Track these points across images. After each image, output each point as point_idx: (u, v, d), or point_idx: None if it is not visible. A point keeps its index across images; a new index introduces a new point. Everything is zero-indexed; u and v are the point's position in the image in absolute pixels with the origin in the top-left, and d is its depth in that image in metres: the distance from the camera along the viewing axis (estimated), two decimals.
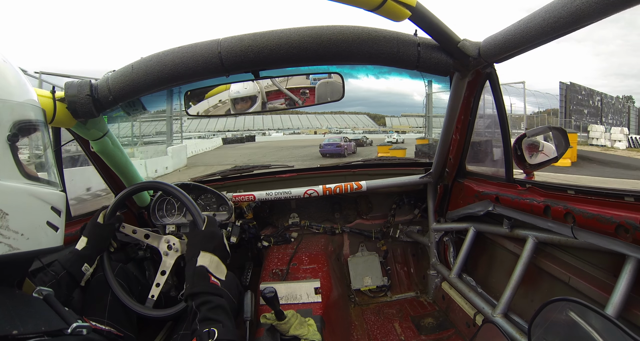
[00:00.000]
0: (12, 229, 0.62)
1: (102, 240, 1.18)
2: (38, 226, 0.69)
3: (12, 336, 0.57)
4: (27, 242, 0.65)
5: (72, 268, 1.08)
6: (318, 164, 2.61)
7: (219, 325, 0.85)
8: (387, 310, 2.02)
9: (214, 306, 0.90)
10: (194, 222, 1.15)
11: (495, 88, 1.36)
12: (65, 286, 1.05)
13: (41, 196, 0.70)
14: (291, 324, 1.26)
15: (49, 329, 0.64)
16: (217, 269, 1.01)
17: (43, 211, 0.71)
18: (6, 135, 0.65)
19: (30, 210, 0.67)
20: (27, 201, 0.67)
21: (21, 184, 0.66)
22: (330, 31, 1.15)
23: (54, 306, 0.72)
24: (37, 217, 0.69)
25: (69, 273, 1.06)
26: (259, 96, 1.45)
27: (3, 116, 0.65)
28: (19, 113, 0.69)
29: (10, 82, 0.69)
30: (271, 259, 1.95)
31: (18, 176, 0.66)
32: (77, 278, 1.09)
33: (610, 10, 0.75)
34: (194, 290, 0.93)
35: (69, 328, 0.67)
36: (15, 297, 0.66)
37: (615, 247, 0.91)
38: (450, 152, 1.74)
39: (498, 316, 1.28)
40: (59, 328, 0.66)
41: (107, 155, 1.53)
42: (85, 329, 0.69)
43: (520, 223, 1.33)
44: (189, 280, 0.97)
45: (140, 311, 1.16)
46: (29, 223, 0.67)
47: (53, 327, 0.65)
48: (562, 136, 1.37)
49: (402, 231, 2.32)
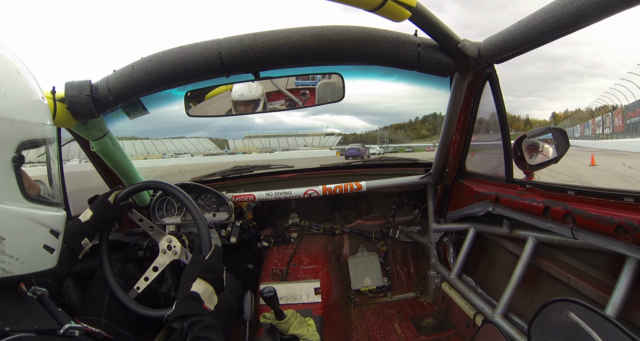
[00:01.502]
0: (7, 253, 0.61)
1: (107, 219, 1.19)
2: (35, 250, 0.67)
3: (5, 333, 0.57)
4: (21, 266, 0.63)
5: (73, 241, 1.08)
6: (318, 165, 2.61)
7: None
8: (387, 310, 2.02)
9: (206, 326, 0.88)
10: (199, 239, 1.13)
11: (495, 89, 1.36)
12: (66, 259, 1.05)
13: (41, 220, 0.68)
14: (291, 323, 1.26)
15: (41, 328, 0.64)
16: (209, 299, 0.99)
17: (41, 235, 0.69)
18: (11, 157, 0.61)
19: (28, 235, 0.66)
20: (26, 226, 0.65)
21: (22, 208, 0.64)
22: (331, 31, 1.15)
23: (47, 306, 0.71)
24: (34, 241, 0.67)
25: (68, 246, 1.06)
26: (262, 99, 1.45)
27: (10, 136, 0.61)
28: (27, 133, 0.65)
29: (22, 98, 0.65)
30: (271, 259, 1.95)
31: (20, 199, 0.64)
32: (76, 252, 1.09)
33: (610, 11, 0.75)
34: (188, 312, 0.91)
35: (61, 329, 0.67)
36: (9, 295, 0.66)
37: (615, 248, 0.91)
38: (450, 153, 1.74)
39: (498, 316, 1.28)
40: (51, 328, 0.66)
41: (107, 155, 1.54)
42: (78, 331, 0.69)
43: (520, 224, 1.33)
44: (181, 302, 0.94)
45: (140, 311, 1.16)
46: (26, 247, 0.65)
47: (45, 326, 0.65)
48: (562, 136, 1.37)
49: (402, 232, 2.32)
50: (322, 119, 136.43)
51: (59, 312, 0.72)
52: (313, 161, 4.89)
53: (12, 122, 0.61)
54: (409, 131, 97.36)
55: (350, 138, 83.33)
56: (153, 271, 1.24)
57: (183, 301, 0.94)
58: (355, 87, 1.54)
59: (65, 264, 1.05)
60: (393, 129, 78.03)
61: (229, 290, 1.32)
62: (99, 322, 1.09)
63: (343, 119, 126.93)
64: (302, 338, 1.26)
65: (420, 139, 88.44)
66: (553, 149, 1.38)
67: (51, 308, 0.71)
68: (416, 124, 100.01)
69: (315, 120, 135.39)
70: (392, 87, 2.26)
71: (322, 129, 77.24)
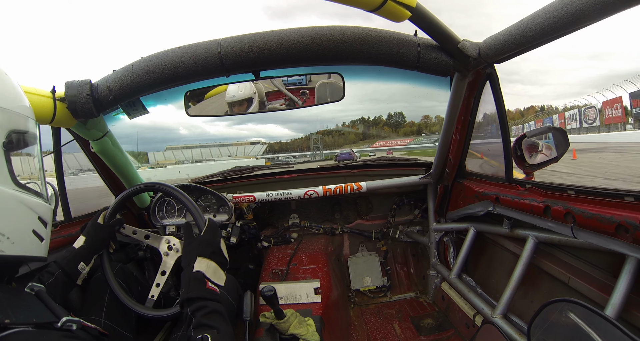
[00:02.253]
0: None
1: (99, 240, 1.17)
2: (24, 233, 0.70)
3: (4, 325, 0.58)
4: (12, 246, 0.66)
5: (68, 266, 1.07)
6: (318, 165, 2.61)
7: (213, 331, 0.83)
8: (387, 310, 2.02)
9: (209, 312, 0.87)
10: (195, 223, 1.14)
11: (496, 89, 1.36)
12: (62, 285, 1.04)
13: (30, 205, 0.71)
14: (290, 323, 1.26)
15: (39, 321, 0.65)
16: (214, 274, 0.98)
17: (30, 219, 0.72)
18: (2, 142, 0.66)
19: (18, 216, 0.68)
20: (16, 207, 0.68)
21: (11, 189, 0.68)
22: (331, 32, 1.15)
23: (45, 301, 0.73)
24: (24, 223, 0.70)
25: (64, 272, 1.05)
26: (254, 97, 1.46)
27: (1, 123, 0.67)
28: (15, 122, 0.71)
29: (10, 92, 0.71)
30: (271, 259, 1.95)
31: (9, 182, 0.68)
32: (73, 277, 1.08)
33: (610, 11, 0.75)
34: (190, 295, 0.90)
35: (58, 322, 0.68)
36: (7, 290, 0.67)
37: (615, 247, 0.91)
38: (450, 153, 1.74)
39: (497, 317, 1.28)
40: (49, 321, 0.67)
41: (107, 155, 1.53)
42: (75, 324, 0.70)
43: (520, 223, 1.33)
44: (185, 285, 0.94)
45: (140, 311, 1.16)
46: (16, 227, 0.68)
47: (44, 319, 0.66)
48: (562, 136, 1.37)
49: (402, 232, 2.32)
50: (246, 129, 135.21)
51: (56, 306, 0.72)
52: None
53: (3, 111, 0.68)
54: (336, 137, 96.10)
55: (276, 147, 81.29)
56: (162, 276, 1.22)
57: (186, 284, 0.94)
58: None
59: (61, 289, 1.04)
60: (320, 135, 78.68)
61: (229, 290, 1.32)
62: (99, 322, 1.10)
63: (267, 128, 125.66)
64: (302, 337, 1.26)
65: (349, 145, 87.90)
66: (553, 149, 1.38)
67: (49, 302, 0.73)
68: (343, 130, 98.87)
69: (240, 130, 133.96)
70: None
71: (248, 139, 75.13)
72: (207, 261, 0.98)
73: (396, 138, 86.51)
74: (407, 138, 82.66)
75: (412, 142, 75.15)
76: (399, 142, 78.70)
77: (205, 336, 0.81)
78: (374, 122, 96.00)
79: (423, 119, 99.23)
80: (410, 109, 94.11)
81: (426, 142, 70.26)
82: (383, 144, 78.67)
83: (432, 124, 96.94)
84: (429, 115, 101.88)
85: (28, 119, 0.76)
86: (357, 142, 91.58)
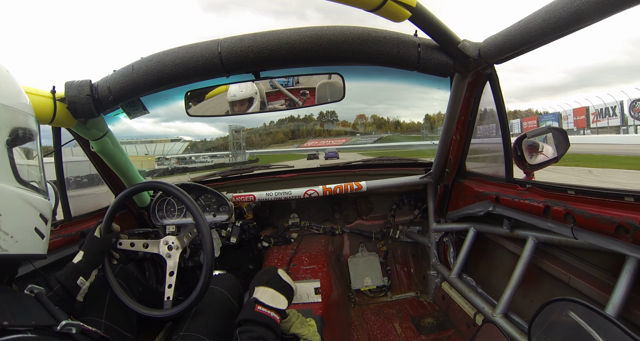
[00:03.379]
0: (3, 230, 0.64)
1: (98, 254, 1.16)
2: (27, 231, 0.70)
3: (3, 327, 0.57)
4: (15, 245, 0.66)
5: (67, 281, 1.05)
6: (318, 165, 2.61)
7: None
8: (387, 310, 2.02)
9: (256, 337, 0.94)
10: (196, 224, 1.17)
11: (496, 89, 1.36)
12: (61, 301, 1.02)
13: (32, 202, 0.71)
14: (292, 323, 1.26)
15: (38, 324, 0.64)
16: (271, 299, 1.07)
17: (33, 216, 0.72)
18: (5, 139, 0.67)
19: (21, 214, 0.69)
20: (20, 205, 0.68)
21: (15, 188, 0.68)
22: (331, 32, 1.15)
23: (44, 303, 0.72)
24: (27, 222, 0.70)
25: (63, 287, 1.03)
26: (256, 97, 1.46)
27: (4, 121, 0.67)
28: (17, 120, 0.71)
29: (12, 90, 0.72)
30: (271, 259, 1.95)
31: (12, 180, 0.68)
32: (73, 292, 1.06)
33: (610, 11, 0.75)
34: (240, 317, 1.00)
35: (58, 325, 0.67)
36: (6, 292, 0.66)
37: (616, 247, 0.91)
38: (451, 153, 1.74)
39: (498, 316, 1.28)
40: (48, 324, 0.66)
41: (107, 155, 1.53)
42: (75, 328, 0.69)
43: (521, 224, 1.33)
44: (240, 312, 1.03)
45: (140, 311, 1.16)
46: (19, 226, 0.68)
47: (43, 322, 0.65)
48: (562, 136, 1.37)
49: (402, 232, 2.32)
50: (173, 126, 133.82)
51: (56, 309, 0.72)
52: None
53: (6, 109, 0.68)
54: (264, 136, 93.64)
55: (200, 145, 77.50)
56: (170, 277, 1.22)
57: (242, 311, 1.03)
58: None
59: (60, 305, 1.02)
60: (247, 133, 76.93)
61: (229, 290, 1.32)
62: (100, 323, 1.09)
63: (194, 126, 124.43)
64: (303, 337, 1.26)
65: (277, 145, 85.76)
66: (553, 149, 1.38)
67: (48, 305, 0.72)
68: (271, 128, 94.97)
69: (167, 127, 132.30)
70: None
71: (173, 137, 71.03)
72: (264, 288, 1.09)
73: (329, 137, 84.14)
74: (342, 138, 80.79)
75: (348, 142, 73.32)
76: (332, 141, 76.11)
77: None
78: (305, 120, 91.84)
79: (358, 119, 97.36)
80: (340, 111, 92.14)
81: (364, 142, 68.58)
82: (315, 144, 75.75)
83: (368, 124, 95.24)
84: (365, 114, 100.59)
85: (29, 116, 0.76)
86: (286, 142, 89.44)
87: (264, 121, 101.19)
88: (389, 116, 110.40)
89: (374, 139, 74.88)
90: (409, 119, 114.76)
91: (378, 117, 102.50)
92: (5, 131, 0.68)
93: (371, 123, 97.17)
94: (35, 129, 0.79)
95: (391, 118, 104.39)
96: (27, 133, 0.75)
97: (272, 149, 73.98)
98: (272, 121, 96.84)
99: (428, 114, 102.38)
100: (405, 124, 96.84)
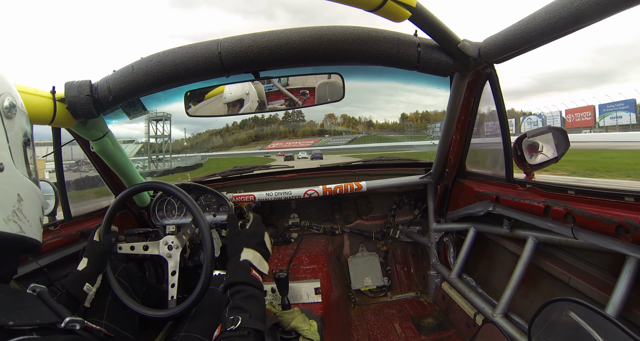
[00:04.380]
0: (24, 213, 0.72)
1: (100, 257, 1.16)
2: (37, 219, 0.78)
3: (8, 327, 0.57)
4: (30, 229, 0.73)
5: (73, 288, 1.06)
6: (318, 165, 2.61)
7: (245, 314, 0.86)
8: (387, 310, 2.03)
9: (247, 296, 0.92)
10: (196, 223, 1.17)
11: (496, 89, 1.36)
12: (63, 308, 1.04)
13: (38, 194, 0.80)
14: (294, 317, 1.26)
15: (43, 322, 0.65)
16: (260, 264, 1.05)
17: (38, 206, 0.80)
18: (22, 140, 0.77)
19: (34, 203, 0.77)
20: (33, 195, 0.77)
21: (30, 180, 0.77)
22: (331, 32, 1.14)
23: (47, 302, 0.73)
24: (36, 211, 0.78)
25: (68, 293, 1.04)
26: (247, 98, 1.46)
27: (22, 124, 0.78)
28: (28, 123, 0.82)
29: (19, 99, 0.81)
30: (271, 259, 1.95)
31: (26, 174, 0.76)
32: (80, 298, 1.07)
33: (610, 11, 0.75)
34: (234, 279, 0.96)
35: (62, 322, 0.68)
36: (9, 292, 0.67)
37: (616, 247, 0.91)
38: (451, 153, 1.74)
39: (498, 316, 1.28)
40: (52, 322, 0.68)
41: (107, 155, 1.53)
42: (78, 324, 0.70)
43: (521, 224, 1.33)
44: (230, 272, 1.00)
45: (141, 311, 1.16)
46: (33, 213, 0.76)
47: (47, 320, 0.67)
48: (562, 136, 1.37)
49: (402, 232, 2.32)
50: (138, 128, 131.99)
51: (59, 307, 0.73)
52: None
53: (22, 114, 0.79)
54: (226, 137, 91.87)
55: (157, 147, 79.37)
56: (173, 276, 1.22)
57: (232, 271, 0.99)
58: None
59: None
60: (207, 135, 72.88)
61: None
62: (101, 324, 1.09)
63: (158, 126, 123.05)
64: (302, 334, 1.26)
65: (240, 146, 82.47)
66: (553, 149, 1.38)
67: (51, 303, 0.73)
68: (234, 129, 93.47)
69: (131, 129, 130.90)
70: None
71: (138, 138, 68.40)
72: (254, 251, 1.06)
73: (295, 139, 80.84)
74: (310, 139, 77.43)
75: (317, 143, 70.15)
76: (299, 143, 72.21)
77: (237, 318, 0.83)
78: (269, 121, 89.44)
79: (327, 118, 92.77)
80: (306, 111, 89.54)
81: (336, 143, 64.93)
82: (280, 146, 72.43)
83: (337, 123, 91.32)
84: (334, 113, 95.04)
85: (29, 118, 0.84)
86: (249, 144, 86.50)
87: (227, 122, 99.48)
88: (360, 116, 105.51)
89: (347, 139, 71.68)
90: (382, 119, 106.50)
91: (348, 117, 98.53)
92: (22, 132, 0.77)
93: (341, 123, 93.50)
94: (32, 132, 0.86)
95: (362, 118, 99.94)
96: (30, 136, 0.83)
97: (232, 152, 70.65)
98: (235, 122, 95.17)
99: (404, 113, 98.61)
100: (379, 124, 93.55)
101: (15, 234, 0.68)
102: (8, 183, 0.70)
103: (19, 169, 0.73)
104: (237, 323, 0.82)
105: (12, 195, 0.70)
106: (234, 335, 0.81)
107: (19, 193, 0.71)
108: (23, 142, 0.77)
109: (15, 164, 0.72)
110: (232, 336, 0.81)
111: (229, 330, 0.82)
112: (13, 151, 0.72)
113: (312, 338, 1.26)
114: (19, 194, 0.71)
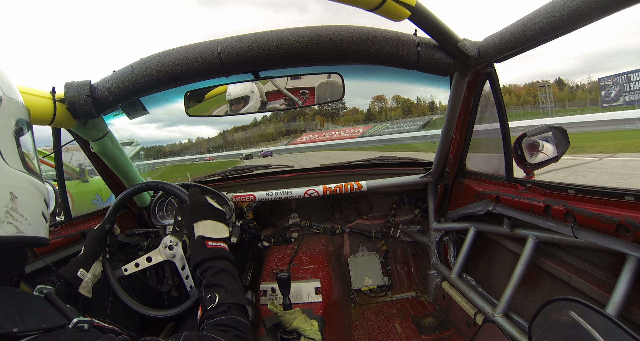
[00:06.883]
0: (19, 212, 0.67)
1: (95, 244, 1.17)
2: (37, 214, 0.73)
3: (13, 334, 0.56)
4: (29, 227, 0.69)
5: (67, 273, 1.07)
6: (318, 164, 2.61)
7: (221, 290, 0.86)
8: (388, 309, 2.03)
9: (216, 271, 0.92)
10: (180, 200, 1.19)
11: (495, 88, 1.36)
12: (63, 294, 1.03)
13: (38, 187, 0.75)
14: (296, 317, 1.26)
15: (50, 326, 0.63)
16: (214, 231, 1.03)
17: (40, 200, 0.75)
18: (14, 129, 0.71)
19: (31, 197, 0.72)
20: (30, 189, 0.72)
21: (25, 173, 0.72)
22: (330, 31, 1.14)
23: (55, 303, 0.72)
24: (36, 205, 0.73)
25: (65, 280, 1.05)
26: (252, 95, 1.46)
27: (12, 113, 0.72)
28: (20, 112, 0.76)
29: (11, 85, 0.76)
30: (271, 259, 1.95)
31: (21, 166, 0.71)
32: (74, 284, 1.07)
33: (610, 10, 0.75)
34: (195, 260, 0.96)
35: (70, 324, 0.67)
36: (15, 295, 0.66)
37: (616, 246, 0.91)
38: (451, 152, 1.74)
39: (498, 315, 1.28)
40: (60, 325, 0.66)
41: (107, 156, 1.54)
42: (87, 324, 0.69)
43: (521, 223, 1.33)
44: (192, 254, 0.99)
45: (142, 311, 1.16)
46: (31, 209, 0.71)
47: (54, 324, 0.65)
48: (562, 135, 1.37)
49: (402, 231, 2.32)
50: (177, 130, 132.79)
51: (67, 308, 0.71)
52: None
53: (11, 102, 0.73)
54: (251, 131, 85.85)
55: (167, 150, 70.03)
56: (147, 262, 1.24)
57: (192, 253, 0.99)
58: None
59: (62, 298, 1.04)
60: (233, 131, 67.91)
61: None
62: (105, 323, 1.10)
63: (198, 129, 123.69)
64: (304, 333, 1.26)
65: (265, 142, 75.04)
66: (553, 148, 1.38)
67: (59, 305, 0.72)
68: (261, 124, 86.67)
69: (171, 132, 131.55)
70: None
71: (177, 141, 63.80)
72: (202, 222, 1.04)
73: (332, 128, 64.85)
74: (358, 126, 60.12)
75: (368, 131, 53.94)
76: (341, 133, 55.95)
77: (214, 296, 0.83)
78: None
79: (375, 101, 73.24)
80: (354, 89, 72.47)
81: (398, 129, 47.95)
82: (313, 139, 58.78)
83: (389, 109, 73.15)
84: (383, 95, 75.08)
85: (27, 110, 0.80)
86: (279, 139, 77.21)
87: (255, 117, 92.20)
88: (420, 96, 75.10)
89: (420, 123, 50.34)
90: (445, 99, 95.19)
91: (402, 98, 74.83)
92: (12, 122, 0.72)
93: (393, 107, 71.45)
94: (29, 120, 0.82)
95: (422, 99, 72.24)
96: (28, 125, 0.79)
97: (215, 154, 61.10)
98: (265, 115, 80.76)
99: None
100: (442, 106, 79.32)
101: (11, 236, 0.64)
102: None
103: (11, 163, 0.67)
104: (215, 300, 0.83)
105: (2, 195, 0.64)
106: (214, 313, 0.82)
107: (11, 191, 0.65)
108: (14, 132, 0.71)
109: (4, 159, 0.66)
110: (213, 314, 0.82)
111: (209, 309, 0.83)
112: (1, 144, 0.66)
113: (314, 337, 1.26)
114: (12, 193, 0.65)
